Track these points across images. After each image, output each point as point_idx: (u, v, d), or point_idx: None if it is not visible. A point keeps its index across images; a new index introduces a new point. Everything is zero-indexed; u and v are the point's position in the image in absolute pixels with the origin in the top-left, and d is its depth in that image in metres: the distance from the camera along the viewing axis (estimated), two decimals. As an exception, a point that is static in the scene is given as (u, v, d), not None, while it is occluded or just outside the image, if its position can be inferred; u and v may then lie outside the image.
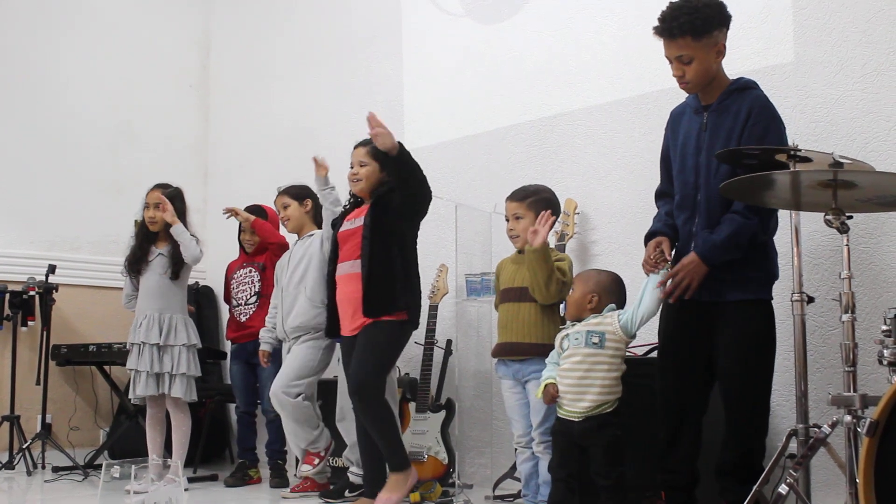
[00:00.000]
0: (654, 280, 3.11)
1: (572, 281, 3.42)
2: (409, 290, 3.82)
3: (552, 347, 3.36)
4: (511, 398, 3.64)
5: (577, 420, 3.14)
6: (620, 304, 3.28)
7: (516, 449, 3.65)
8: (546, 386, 3.23)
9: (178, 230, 4.60)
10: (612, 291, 3.28)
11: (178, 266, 4.64)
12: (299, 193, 4.65)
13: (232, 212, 4.96)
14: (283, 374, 4.37)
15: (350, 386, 3.80)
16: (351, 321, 3.83)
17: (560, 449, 3.22)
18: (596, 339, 3.15)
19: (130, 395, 4.66)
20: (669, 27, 2.99)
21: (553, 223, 3.48)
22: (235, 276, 5.11)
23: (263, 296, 4.93)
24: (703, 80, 3.06)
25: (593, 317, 3.22)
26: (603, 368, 3.14)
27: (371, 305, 3.74)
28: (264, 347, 4.68)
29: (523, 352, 3.53)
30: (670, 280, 3.03)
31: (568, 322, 3.31)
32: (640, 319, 3.14)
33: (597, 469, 3.11)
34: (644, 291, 3.13)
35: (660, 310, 3.15)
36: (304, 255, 4.52)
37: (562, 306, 3.39)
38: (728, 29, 3.08)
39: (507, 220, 3.71)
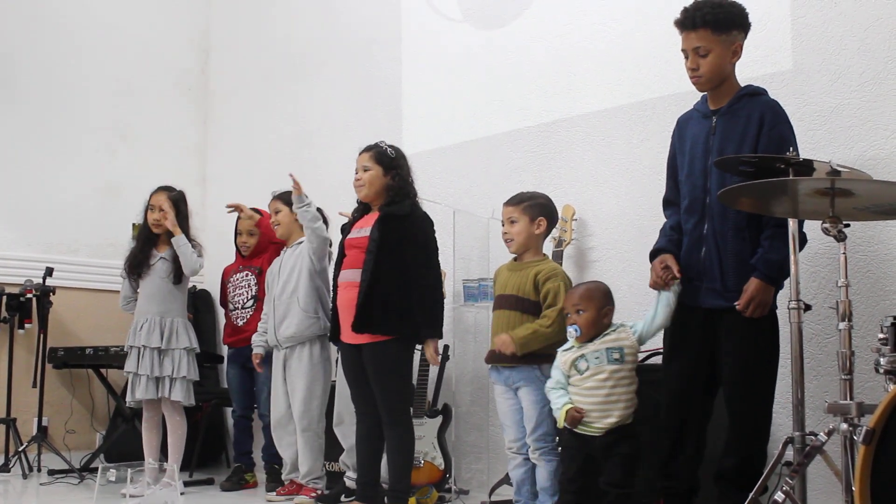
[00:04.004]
0: (665, 297, 3.13)
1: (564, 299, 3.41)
2: (409, 316, 3.72)
3: (542, 356, 3.38)
4: (503, 404, 3.66)
5: (598, 435, 3.14)
6: (614, 304, 3.32)
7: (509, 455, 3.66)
8: (567, 412, 3.19)
9: (179, 241, 4.57)
10: (611, 297, 3.32)
11: (180, 270, 4.63)
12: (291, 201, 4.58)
13: (237, 208, 4.91)
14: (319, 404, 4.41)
15: (384, 416, 3.75)
16: (350, 329, 3.77)
17: (576, 462, 3.22)
18: (617, 356, 3.17)
19: (128, 399, 4.65)
20: (692, 16, 3.06)
21: None
22: (232, 279, 5.10)
23: (260, 299, 4.91)
24: (716, 75, 3.08)
25: (606, 333, 3.22)
26: (625, 383, 3.17)
27: (361, 323, 3.69)
28: (257, 351, 4.66)
29: (514, 359, 3.54)
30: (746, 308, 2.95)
31: (571, 342, 3.26)
32: (652, 333, 3.18)
33: (611, 480, 3.11)
34: (657, 307, 3.15)
35: None
36: (294, 265, 4.47)
37: (571, 329, 3.24)
38: (746, 36, 3.12)
39: (503, 225, 3.73)
